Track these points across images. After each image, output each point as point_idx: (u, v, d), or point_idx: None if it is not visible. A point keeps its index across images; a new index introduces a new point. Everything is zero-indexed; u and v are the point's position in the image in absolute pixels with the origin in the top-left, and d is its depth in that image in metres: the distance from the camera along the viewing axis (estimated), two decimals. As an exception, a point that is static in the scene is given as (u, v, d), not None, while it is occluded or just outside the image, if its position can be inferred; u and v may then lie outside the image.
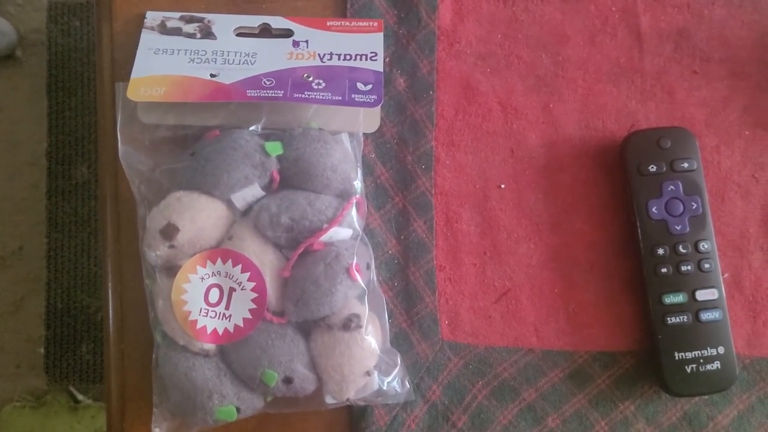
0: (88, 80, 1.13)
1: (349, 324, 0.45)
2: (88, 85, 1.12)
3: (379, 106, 0.48)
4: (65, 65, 1.15)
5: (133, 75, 0.48)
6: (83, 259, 1.09)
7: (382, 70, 0.49)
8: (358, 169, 0.48)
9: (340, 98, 0.47)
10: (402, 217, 0.51)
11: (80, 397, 1.07)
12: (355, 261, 0.46)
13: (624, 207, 0.51)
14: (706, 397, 0.49)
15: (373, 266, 0.48)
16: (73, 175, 1.12)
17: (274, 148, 0.47)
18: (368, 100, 0.48)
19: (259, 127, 0.48)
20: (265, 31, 0.52)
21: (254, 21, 0.52)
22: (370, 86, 0.48)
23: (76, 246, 1.10)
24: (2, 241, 1.12)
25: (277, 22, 0.52)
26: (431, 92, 0.52)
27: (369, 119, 0.51)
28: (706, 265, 0.48)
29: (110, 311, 0.50)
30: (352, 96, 0.48)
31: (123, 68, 0.51)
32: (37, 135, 1.14)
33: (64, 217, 1.10)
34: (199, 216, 0.45)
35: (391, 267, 0.51)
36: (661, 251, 0.48)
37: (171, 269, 0.46)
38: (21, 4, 1.20)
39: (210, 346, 0.45)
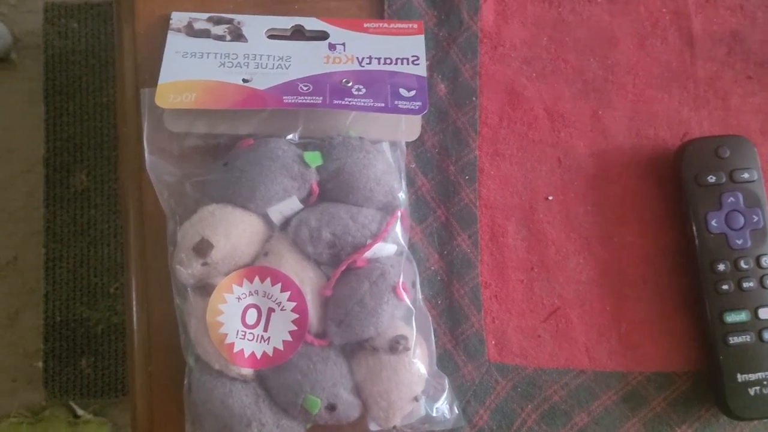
0: (87, 84, 1.09)
1: (396, 346, 0.42)
2: (86, 89, 1.09)
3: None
4: (63, 69, 1.10)
5: (161, 80, 0.45)
6: (82, 270, 1.05)
7: (425, 75, 0.46)
8: (402, 180, 0.45)
9: (383, 105, 0.44)
10: (445, 230, 0.48)
11: (80, 411, 1.03)
12: (401, 279, 0.43)
13: (679, 220, 0.48)
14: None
15: (418, 284, 0.45)
16: (71, 183, 1.08)
17: (314, 158, 0.44)
18: (412, 107, 0.45)
19: (297, 136, 0.45)
20: (298, 33, 0.49)
21: (286, 22, 0.49)
22: (413, 92, 0.45)
23: (75, 256, 1.06)
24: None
25: (311, 23, 0.49)
26: (474, 98, 0.49)
27: (409, 127, 0.48)
28: (769, 281, 0.45)
29: (135, 331, 0.47)
30: (395, 103, 0.45)
31: (146, 73, 0.48)
32: (33, 142, 1.10)
33: (62, 226, 1.06)
34: (233, 231, 0.42)
35: (434, 284, 0.48)
36: (721, 267, 0.45)
37: (205, 288, 0.43)
38: (15, 4, 1.16)
39: (248, 371, 0.42)
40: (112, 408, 1.03)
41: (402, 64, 0.47)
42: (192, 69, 0.46)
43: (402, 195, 0.45)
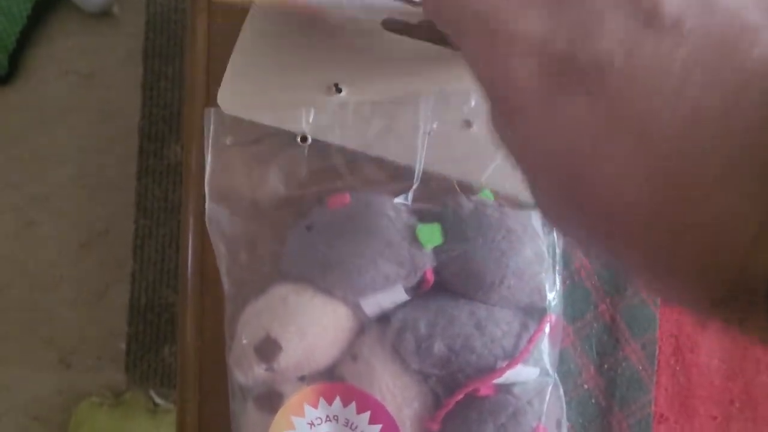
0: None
1: None
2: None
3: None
4: (164, 28, 1.01)
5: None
6: (171, 251, 0.98)
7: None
8: (556, 272, 0.31)
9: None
10: (608, 335, 0.34)
11: (158, 400, 0.97)
12: (542, 420, 0.30)
13: None
14: None
15: (564, 422, 0.32)
16: (165, 154, 1.00)
17: (432, 235, 0.31)
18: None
19: (409, 197, 0.32)
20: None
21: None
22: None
23: (164, 236, 0.98)
24: (90, 221, 1.03)
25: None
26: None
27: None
28: None
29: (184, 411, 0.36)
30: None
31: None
32: (131, 105, 1.02)
33: (153, 202, 0.99)
34: (311, 328, 0.31)
35: (585, 409, 0.34)
36: None
37: (268, 399, 0.32)
38: (121, -46, 1.08)
39: None
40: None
41: None
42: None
43: (554, 296, 0.31)
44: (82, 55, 1.06)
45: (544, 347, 0.31)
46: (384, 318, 0.31)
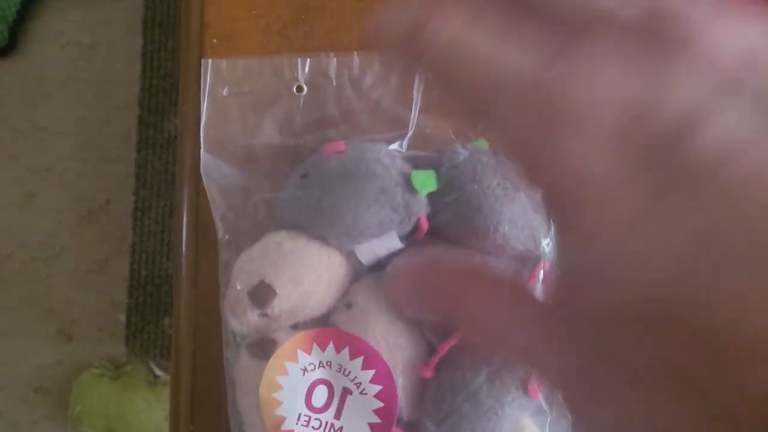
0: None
1: (520, 465, 0.29)
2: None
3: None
4: (164, -1, 1.01)
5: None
6: (171, 223, 0.98)
7: None
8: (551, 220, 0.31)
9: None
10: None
11: (159, 372, 0.97)
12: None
13: None
14: None
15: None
16: (165, 127, 1.00)
17: (426, 181, 0.30)
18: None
19: (404, 144, 0.32)
20: None
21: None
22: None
23: (164, 207, 0.98)
24: (90, 193, 1.03)
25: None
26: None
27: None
28: None
29: (179, 380, 0.36)
30: None
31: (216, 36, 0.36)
32: (132, 77, 1.02)
33: (153, 173, 0.99)
34: (306, 275, 0.31)
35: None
36: None
37: (262, 346, 0.32)
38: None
39: (309, 472, 0.30)
40: (195, 369, 0.97)
41: None
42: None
43: (548, 242, 0.31)
44: (83, 26, 1.06)
45: (538, 294, 0.31)
46: (378, 266, 0.32)
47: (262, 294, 0.30)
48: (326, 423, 0.30)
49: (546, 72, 0.14)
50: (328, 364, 0.30)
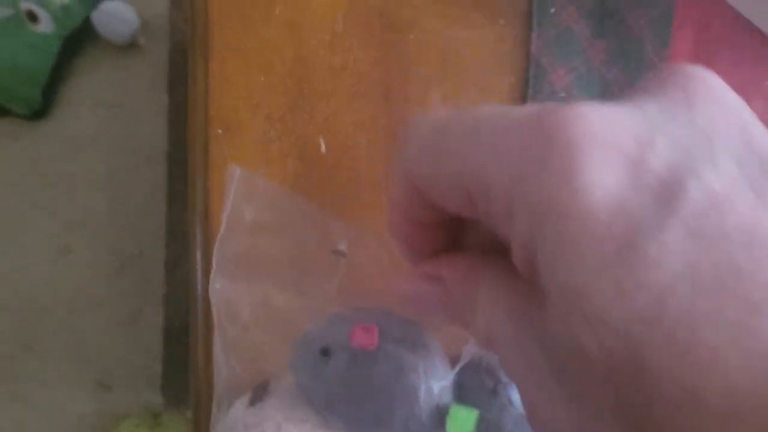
0: (211, 72, 1.01)
1: None
2: (210, 78, 1.01)
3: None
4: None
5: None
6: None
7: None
8: None
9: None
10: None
11: (196, 421, 0.99)
12: None
13: None
14: None
15: None
16: (192, 179, 1.02)
17: (464, 422, 0.27)
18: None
19: (451, 373, 0.29)
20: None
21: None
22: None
23: (195, 258, 1.01)
24: (121, 245, 1.06)
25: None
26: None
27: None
28: None
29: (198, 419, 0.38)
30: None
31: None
32: (158, 132, 1.05)
33: (183, 225, 1.02)
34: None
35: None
36: None
37: None
38: (144, -15, 1.11)
39: None
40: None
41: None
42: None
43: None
44: (111, 86, 1.09)
45: None
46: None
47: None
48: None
49: None
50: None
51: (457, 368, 0.28)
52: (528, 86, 0.35)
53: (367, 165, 0.37)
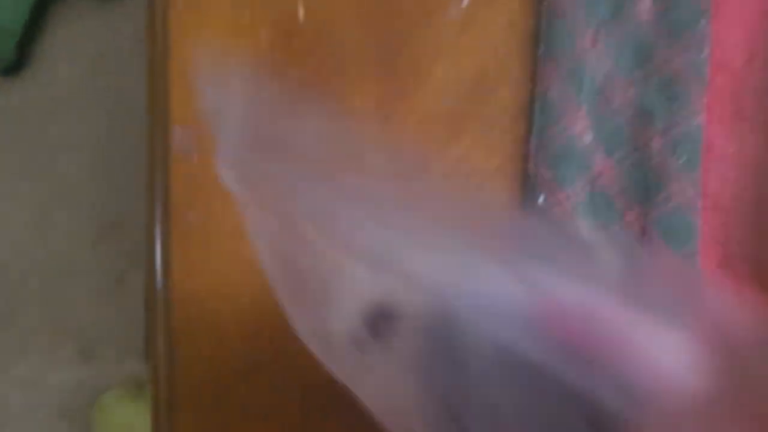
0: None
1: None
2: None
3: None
4: (170, 6, 1.00)
5: None
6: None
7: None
8: None
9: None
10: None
11: (182, 390, 0.94)
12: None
13: None
14: None
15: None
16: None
17: None
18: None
19: None
20: None
21: None
22: None
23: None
24: (102, 208, 1.01)
25: None
26: (701, 23, 0.29)
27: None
28: None
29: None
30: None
31: None
32: (142, 87, 1.00)
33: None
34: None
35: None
36: None
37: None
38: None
39: None
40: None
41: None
42: None
43: None
44: (90, 39, 1.04)
45: None
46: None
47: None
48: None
49: None
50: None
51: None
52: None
53: (357, 34, 0.31)
